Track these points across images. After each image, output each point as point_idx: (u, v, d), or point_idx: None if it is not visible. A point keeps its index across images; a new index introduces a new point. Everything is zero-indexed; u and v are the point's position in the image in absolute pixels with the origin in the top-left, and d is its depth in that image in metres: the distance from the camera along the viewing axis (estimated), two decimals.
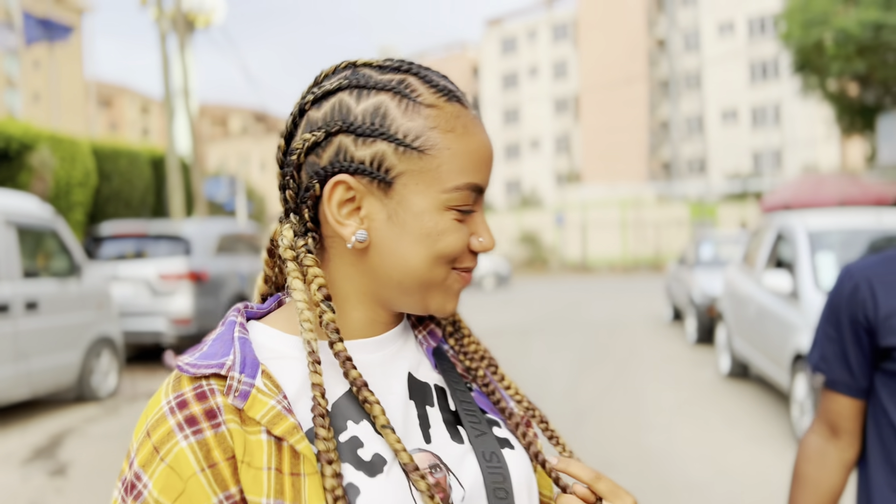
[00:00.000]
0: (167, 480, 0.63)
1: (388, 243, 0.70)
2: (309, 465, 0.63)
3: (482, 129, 0.73)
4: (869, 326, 1.24)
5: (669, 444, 5.35)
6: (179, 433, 0.64)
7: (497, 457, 0.72)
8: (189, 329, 8.58)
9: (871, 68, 15.12)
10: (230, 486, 0.63)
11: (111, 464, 5.21)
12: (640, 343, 10.10)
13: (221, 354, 0.68)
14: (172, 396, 0.66)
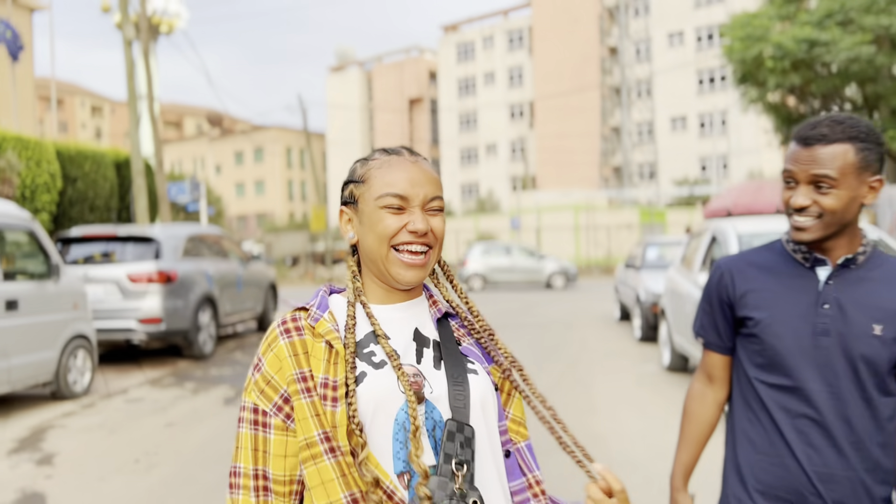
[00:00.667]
0: (272, 361, 1.15)
1: (362, 237, 1.21)
2: (342, 356, 1.12)
3: (407, 164, 1.20)
4: (730, 303, 1.76)
5: (614, 428, 5.91)
6: (280, 337, 1.16)
7: (462, 378, 1.15)
8: (159, 328, 8.85)
9: (806, 82, 16.11)
10: (304, 367, 1.13)
11: (95, 454, 5.53)
12: (590, 340, 10.73)
13: (310, 301, 1.21)
14: (279, 320, 1.19)
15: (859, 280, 1.61)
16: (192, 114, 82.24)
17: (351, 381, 1.08)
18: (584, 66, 48.16)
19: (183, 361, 9.52)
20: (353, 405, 1.06)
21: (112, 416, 6.68)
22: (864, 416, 1.55)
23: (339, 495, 1.06)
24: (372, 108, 65.29)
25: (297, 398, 1.10)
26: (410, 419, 1.06)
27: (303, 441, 1.08)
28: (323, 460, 1.07)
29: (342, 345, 1.11)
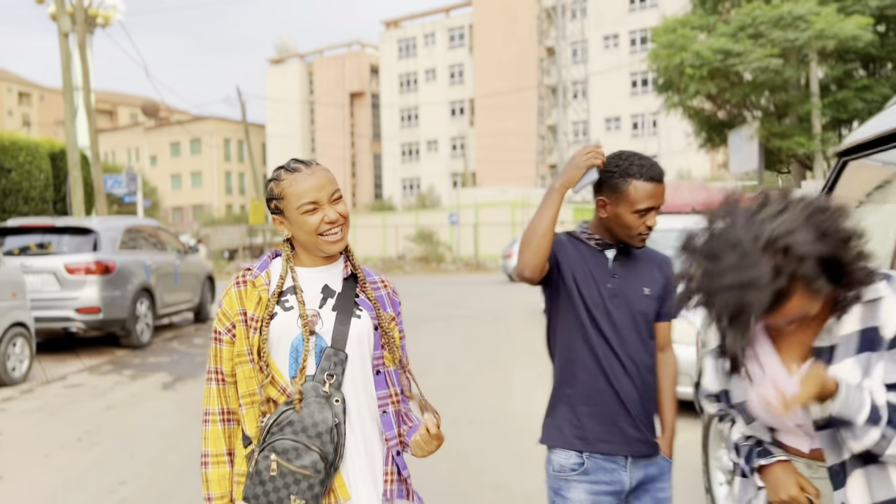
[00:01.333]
0: (228, 301, 1.74)
1: (294, 233, 1.74)
2: (263, 302, 1.69)
3: (308, 175, 1.71)
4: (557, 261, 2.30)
5: (527, 408, 6.53)
6: (234, 287, 1.74)
7: (346, 319, 1.73)
8: (97, 317, 9.08)
9: (721, 90, 17.20)
10: (243, 306, 1.71)
11: (38, 434, 5.84)
12: (515, 329, 11.41)
13: (255, 265, 1.75)
14: (235, 275, 1.76)
15: (632, 259, 2.23)
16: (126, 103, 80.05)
17: (269, 315, 1.70)
18: (522, 66, 49.18)
19: (120, 350, 9.75)
20: (263, 335, 1.70)
21: (52, 401, 6.96)
22: (641, 353, 2.17)
23: (254, 386, 1.70)
24: (313, 101, 64.98)
25: (239, 325, 1.71)
26: (304, 344, 1.67)
27: (237, 351, 1.71)
28: (247, 364, 1.70)
29: (266, 294, 1.72)
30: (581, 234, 2.25)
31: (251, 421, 1.68)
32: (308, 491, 1.60)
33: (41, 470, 4.92)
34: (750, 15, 15.91)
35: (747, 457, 1.62)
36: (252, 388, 1.69)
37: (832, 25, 14.68)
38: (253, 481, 1.63)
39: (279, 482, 1.60)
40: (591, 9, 47.16)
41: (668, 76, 17.67)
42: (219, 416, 1.73)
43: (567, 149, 45.54)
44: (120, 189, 15.01)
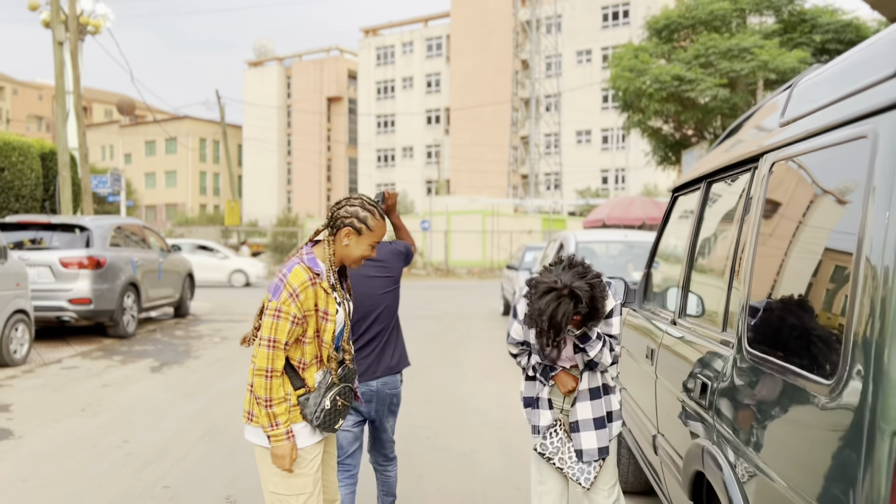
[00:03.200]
0: (305, 295, 2.46)
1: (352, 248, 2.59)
2: (332, 301, 2.58)
3: (385, 225, 2.72)
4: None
5: (473, 391, 7.53)
6: (311, 286, 2.48)
7: (348, 300, 2.70)
8: (88, 308, 9.90)
9: (677, 112, 18.46)
10: (316, 301, 2.51)
11: (45, 405, 6.69)
12: (474, 329, 12.41)
13: (315, 266, 2.55)
14: (308, 275, 2.48)
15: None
16: (101, 100, 79.76)
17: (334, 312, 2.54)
18: (497, 78, 50.43)
19: (108, 339, 10.56)
20: (333, 324, 2.53)
21: (53, 379, 7.79)
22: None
23: (312, 354, 2.52)
24: (290, 104, 65.58)
25: (311, 315, 2.46)
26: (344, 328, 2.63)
27: (309, 333, 2.49)
28: (314, 341, 2.51)
29: (332, 294, 2.52)
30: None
31: (311, 375, 2.51)
32: (346, 414, 2.61)
33: (53, 431, 5.79)
34: (704, 45, 17.18)
35: (542, 372, 2.89)
36: (312, 354, 2.51)
37: (774, 58, 15.98)
38: (318, 410, 2.48)
39: (338, 413, 2.54)
40: (565, 24, 48.59)
41: (627, 98, 18.89)
42: (280, 373, 2.43)
43: (538, 160, 46.83)
44: (105, 189, 15.75)
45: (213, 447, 5.32)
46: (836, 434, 1.49)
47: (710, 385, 2.27)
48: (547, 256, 9.48)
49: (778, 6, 18.12)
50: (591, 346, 2.71)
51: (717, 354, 2.32)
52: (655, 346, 3.15)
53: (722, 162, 2.66)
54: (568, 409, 2.89)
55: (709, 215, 2.91)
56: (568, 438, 2.86)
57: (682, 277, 3.01)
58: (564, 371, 2.86)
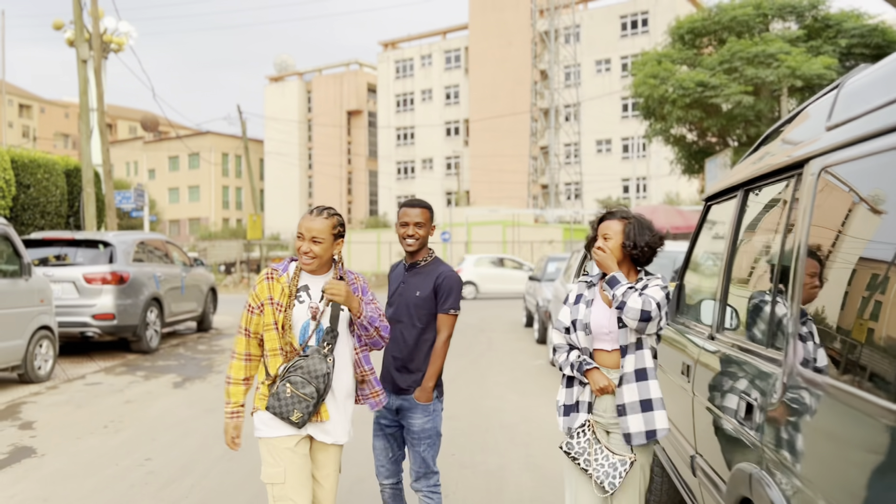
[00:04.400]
0: (260, 288, 2.83)
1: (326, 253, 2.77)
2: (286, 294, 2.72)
3: (306, 216, 2.79)
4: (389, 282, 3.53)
5: (498, 405, 7.40)
6: (265, 280, 2.78)
7: (337, 311, 2.76)
8: (111, 323, 9.92)
9: (700, 119, 18.25)
10: (271, 293, 2.81)
11: (68, 422, 6.67)
12: (497, 341, 12.28)
13: (279, 265, 2.78)
14: (266, 271, 2.76)
15: (419, 272, 3.42)
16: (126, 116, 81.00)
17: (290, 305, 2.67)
18: (516, 89, 50.40)
19: (131, 354, 10.58)
20: (288, 315, 2.71)
21: (76, 396, 7.78)
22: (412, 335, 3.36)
23: (276, 344, 2.73)
24: (310, 119, 66.06)
25: (266, 306, 2.75)
26: (310, 326, 2.67)
27: (266, 322, 2.75)
28: (273, 330, 2.75)
29: (288, 289, 2.72)
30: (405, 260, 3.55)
31: (274, 365, 2.73)
32: (305, 409, 2.68)
33: (76, 448, 5.75)
34: (729, 50, 16.98)
35: (578, 367, 2.89)
36: (275, 345, 2.73)
37: (800, 65, 15.73)
38: (274, 399, 2.68)
39: (290, 401, 2.66)
40: (584, 34, 48.48)
41: (650, 105, 18.72)
42: (243, 357, 2.79)
43: (558, 170, 46.63)
44: (128, 204, 15.89)
45: (235, 465, 5.24)
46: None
47: (756, 406, 2.14)
48: (571, 267, 9.34)
49: (801, 11, 17.88)
50: (620, 287, 2.74)
51: (763, 373, 2.19)
52: (691, 361, 3.02)
53: (760, 169, 2.54)
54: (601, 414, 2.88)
55: (747, 225, 2.78)
56: (595, 440, 2.82)
57: (719, 290, 2.88)
58: (598, 370, 2.84)
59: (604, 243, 2.89)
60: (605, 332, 2.85)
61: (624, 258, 2.89)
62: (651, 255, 2.88)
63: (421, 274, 3.39)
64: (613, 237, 2.88)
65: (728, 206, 3.08)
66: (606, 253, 2.85)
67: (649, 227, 2.89)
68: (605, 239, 2.90)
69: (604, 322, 2.85)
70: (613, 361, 2.86)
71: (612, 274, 2.80)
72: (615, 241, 2.87)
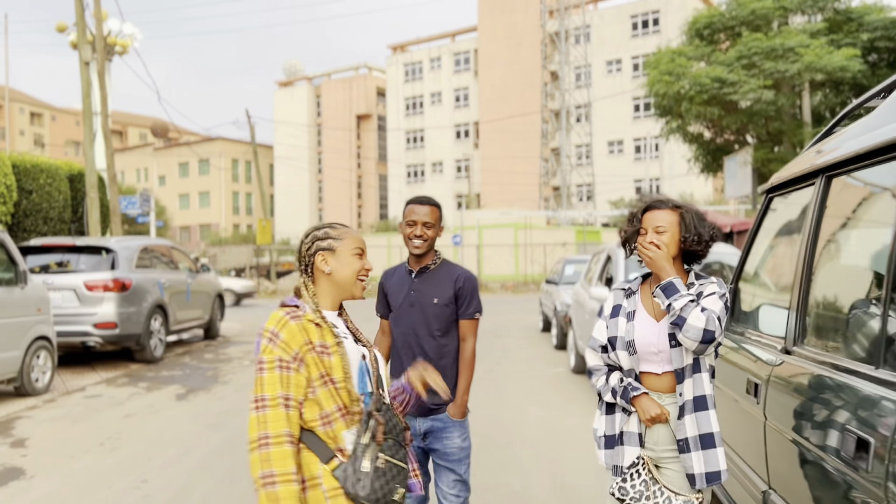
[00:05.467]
0: (287, 333, 1.94)
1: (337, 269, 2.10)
2: (327, 330, 2.04)
3: (356, 231, 2.21)
4: (383, 292, 3.14)
5: (518, 417, 6.96)
6: (291, 321, 1.96)
7: (373, 350, 2.16)
8: (114, 332, 9.55)
9: (719, 117, 17.74)
10: (306, 337, 1.95)
11: (63, 439, 6.28)
12: (514, 347, 11.82)
13: (294, 301, 2.08)
14: (283, 311, 1.99)
15: (430, 277, 3.07)
16: (136, 123, 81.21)
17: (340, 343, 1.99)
18: (526, 90, 49.94)
19: (135, 364, 10.20)
20: (343, 356, 1.98)
21: (74, 410, 7.40)
22: (432, 346, 3.01)
23: (332, 406, 1.94)
24: (320, 123, 65.85)
25: (307, 355, 1.93)
26: (371, 368, 2.08)
27: (312, 377, 1.94)
28: (323, 388, 1.94)
29: (325, 324, 2.01)
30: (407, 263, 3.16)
31: (338, 435, 1.93)
32: (404, 480, 1.98)
33: (68, 469, 5.36)
34: (746, 45, 16.48)
35: (623, 394, 2.41)
36: (331, 406, 1.93)
37: (821, 58, 15.22)
38: (371, 478, 1.89)
39: (388, 475, 1.93)
40: (594, 34, 47.99)
41: (666, 102, 18.22)
42: (286, 438, 1.85)
43: (570, 171, 46.11)
44: (134, 210, 15.56)
45: (236, 488, 4.83)
46: None
47: (871, 443, 1.70)
48: (591, 271, 8.89)
49: (823, 5, 17.36)
50: (680, 299, 2.27)
51: (876, 400, 1.75)
52: (760, 379, 2.57)
53: (855, 149, 2.09)
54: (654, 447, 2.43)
55: (831, 218, 2.34)
56: (653, 480, 2.36)
57: (796, 295, 2.44)
58: (648, 396, 2.38)
59: (657, 237, 2.36)
60: (654, 351, 2.39)
61: (675, 257, 2.43)
62: (706, 250, 2.44)
63: (433, 279, 3.06)
64: (668, 229, 2.37)
65: (801, 196, 2.64)
66: (662, 250, 2.34)
67: (703, 217, 2.45)
68: (656, 232, 2.38)
69: (651, 339, 2.38)
70: (665, 385, 2.41)
71: (668, 280, 2.30)
72: (671, 234, 2.37)
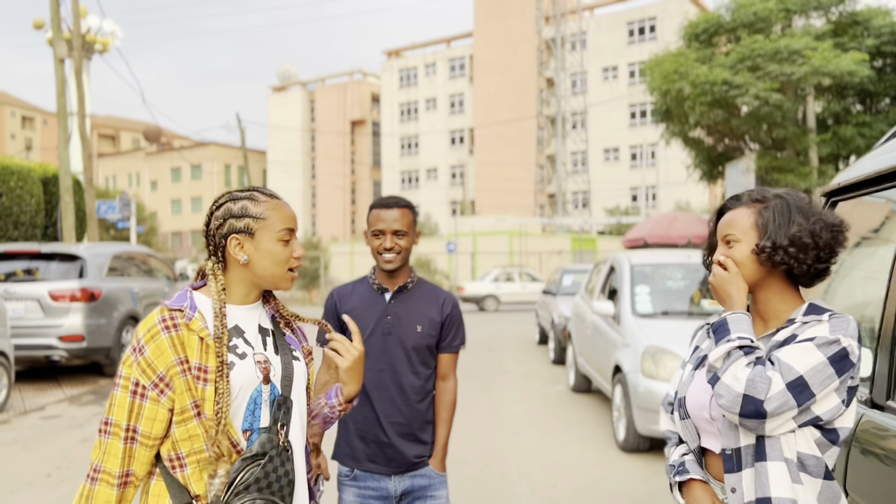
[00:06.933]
0: (154, 349, 1.50)
1: (259, 259, 1.60)
2: (212, 350, 1.52)
3: (286, 204, 1.64)
4: (338, 317, 2.46)
5: (514, 444, 6.34)
6: (162, 332, 1.51)
7: (289, 364, 1.64)
8: (80, 345, 8.90)
9: (723, 120, 17.16)
10: (181, 354, 1.50)
11: (7, 468, 5.64)
12: (508, 361, 11.20)
13: (180, 302, 1.57)
14: (159, 316, 1.53)
15: (409, 299, 2.48)
16: (128, 128, 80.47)
17: (223, 371, 1.52)
18: (522, 96, 49.47)
19: (104, 379, 9.56)
20: (224, 389, 1.51)
21: (26, 433, 6.76)
22: (413, 384, 2.44)
23: (200, 444, 1.52)
24: (314, 128, 65.29)
25: (176, 378, 1.51)
26: (263, 396, 1.59)
27: (178, 407, 1.51)
28: (192, 421, 1.51)
29: (212, 340, 1.53)
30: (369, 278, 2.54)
31: (197, 479, 1.52)
32: None
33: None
34: (749, 47, 15.95)
35: (677, 473, 1.70)
36: (197, 445, 1.52)
37: (828, 61, 14.71)
38: None
39: None
40: (590, 41, 47.58)
41: (667, 104, 17.63)
42: (117, 479, 1.50)
43: (565, 179, 45.61)
44: (113, 214, 14.90)
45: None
46: None
47: None
48: (592, 282, 8.29)
49: (827, 7, 16.86)
50: (724, 344, 1.54)
51: None
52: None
53: None
54: None
55: None
56: None
57: (885, 331, 1.84)
58: (702, 486, 1.65)
59: (726, 251, 1.66)
60: (707, 417, 1.65)
61: (771, 275, 1.64)
62: (818, 263, 1.59)
63: (413, 301, 2.49)
64: (742, 238, 1.64)
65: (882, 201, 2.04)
66: (729, 271, 1.63)
67: (805, 208, 1.62)
68: (727, 244, 1.67)
69: (704, 400, 1.65)
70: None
71: (723, 316, 1.61)
72: (746, 243, 1.63)
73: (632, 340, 6.08)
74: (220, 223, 1.61)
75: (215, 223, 1.62)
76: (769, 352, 1.55)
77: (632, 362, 5.87)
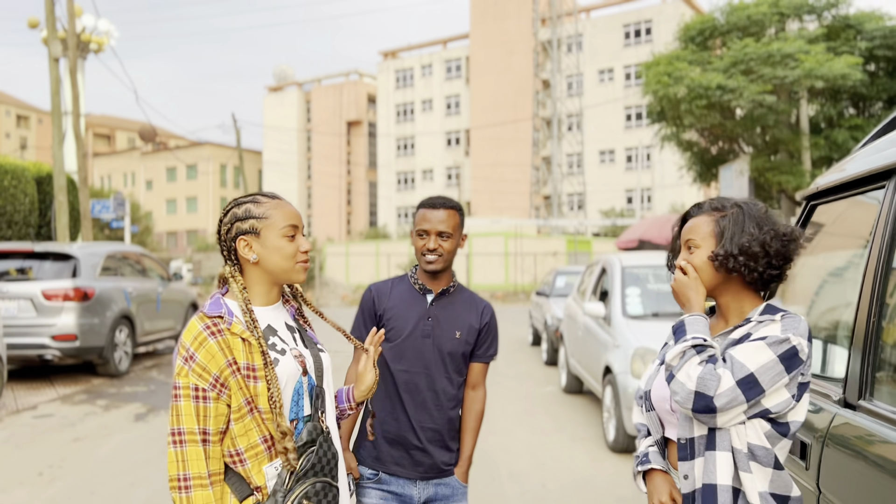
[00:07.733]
0: (205, 354, 1.62)
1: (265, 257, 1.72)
2: (256, 349, 1.63)
3: (288, 203, 1.77)
4: (375, 314, 2.41)
5: (504, 444, 6.38)
6: (209, 338, 1.63)
7: (317, 355, 1.80)
8: (73, 345, 8.91)
9: (718, 123, 17.23)
10: (229, 357, 1.62)
11: (0, 467, 5.65)
12: (501, 362, 11.23)
13: (218, 309, 1.67)
14: (202, 324, 1.65)
15: (450, 303, 2.43)
16: (124, 127, 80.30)
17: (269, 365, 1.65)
18: (518, 98, 49.55)
19: (97, 379, 9.56)
20: (272, 382, 1.64)
21: (18, 432, 6.77)
22: (447, 390, 2.40)
23: (256, 438, 1.65)
24: (310, 129, 65.26)
25: (230, 378, 1.63)
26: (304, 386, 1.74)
27: (235, 405, 1.64)
28: (247, 417, 1.65)
29: (254, 338, 1.66)
30: (409, 278, 2.49)
31: (257, 472, 1.66)
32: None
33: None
34: (742, 51, 16.03)
35: (640, 461, 1.84)
36: (253, 440, 1.65)
37: (821, 65, 14.79)
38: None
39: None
40: (586, 43, 47.68)
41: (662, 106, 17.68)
42: (208, 480, 1.62)
43: (561, 180, 45.69)
44: (108, 214, 14.89)
45: None
46: None
47: None
48: (584, 283, 8.33)
49: (820, 11, 16.95)
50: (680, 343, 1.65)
51: None
52: (810, 437, 2.01)
53: None
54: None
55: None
56: None
57: (857, 331, 1.88)
58: (662, 475, 1.78)
59: (687, 257, 1.77)
60: (668, 409, 1.77)
61: (729, 280, 1.73)
62: (771, 269, 1.69)
63: (454, 306, 2.44)
64: (702, 244, 1.75)
65: (859, 204, 2.08)
66: (688, 276, 1.74)
67: (759, 218, 1.72)
68: (688, 250, 1.78)
69: (667, 394, 1.76)
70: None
71: (681, 318, 1.72)
72: (705, 249, 1.74)
73: (622, 342, 6.12)
74: (228, 228, 1.75)
75: (224, 229, 1.75)
76: (724, 349, 1.65)
77: (622, 363, 5.91)
